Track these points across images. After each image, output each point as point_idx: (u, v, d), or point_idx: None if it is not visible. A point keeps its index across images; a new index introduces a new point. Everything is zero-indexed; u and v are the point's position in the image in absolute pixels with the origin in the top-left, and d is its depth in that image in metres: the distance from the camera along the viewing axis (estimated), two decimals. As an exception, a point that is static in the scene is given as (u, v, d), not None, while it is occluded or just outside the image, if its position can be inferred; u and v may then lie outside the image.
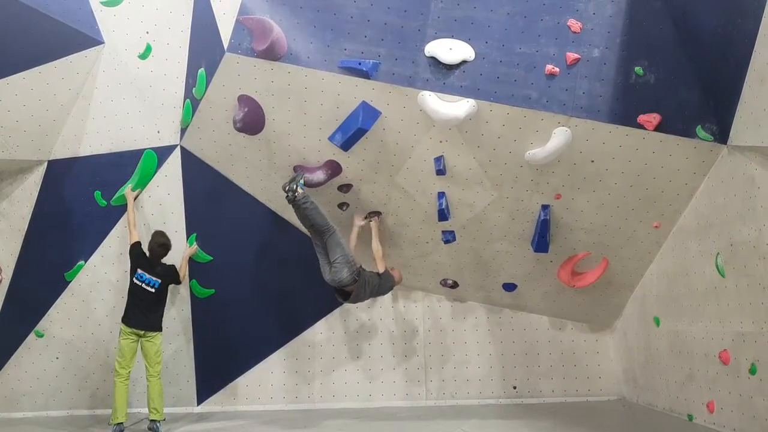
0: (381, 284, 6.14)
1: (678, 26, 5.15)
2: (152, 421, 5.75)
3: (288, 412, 6.62)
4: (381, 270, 6.13)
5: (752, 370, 4.68)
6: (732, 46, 4.64)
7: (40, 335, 6.61)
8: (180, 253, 6.43)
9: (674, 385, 5.78)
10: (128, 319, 5.84)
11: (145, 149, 6.50)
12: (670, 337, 5.83)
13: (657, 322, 6.03)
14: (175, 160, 6.54)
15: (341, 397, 6.87)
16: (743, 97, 4.61)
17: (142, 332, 5.84)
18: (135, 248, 6.05)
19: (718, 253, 5.09)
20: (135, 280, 5.91)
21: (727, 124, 4.90)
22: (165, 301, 6.10)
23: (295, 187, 5.70)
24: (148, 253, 6.04)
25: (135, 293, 5.89)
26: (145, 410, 6.03)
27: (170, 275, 6.09)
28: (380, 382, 6.92)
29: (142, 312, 5.86)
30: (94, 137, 6.51)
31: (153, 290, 5.92)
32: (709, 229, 5.23)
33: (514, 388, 6.89)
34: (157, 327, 5.95)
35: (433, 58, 5.27)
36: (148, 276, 5.92)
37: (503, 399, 6.86)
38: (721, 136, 5.02)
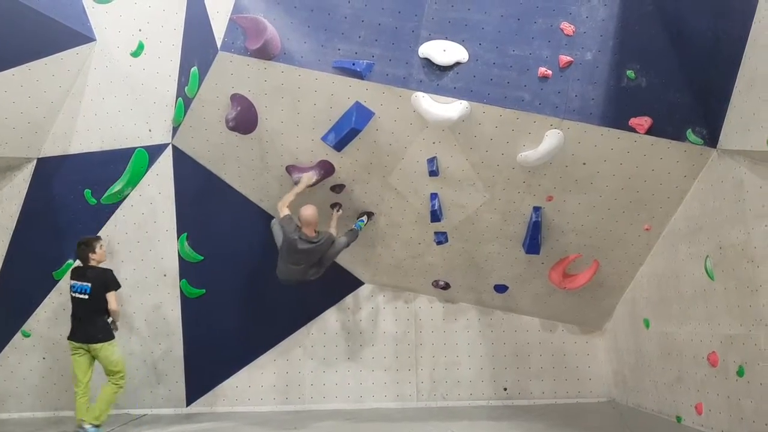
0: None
1: (669, 31, 5.19)
2: (81, 420, 5.43)
3: (278, 413, 6.59)
4: (283, 213, 5.71)
5: (740, 372, 4.72)
6: (722, 50, 4.69)
7: (26, 335, 6.54)
8: (169, 250, 6.40)
9: (663, 387, 5.81)
10: (71, 333, 5.60)
11: (137, 148, 6.46)
12: (659, 339, 5.87)
13: (647, 324, 6.07)
14: (166, 159, 6.50)
15: (332, 398, 6.84)
16: (733, 102, 4.65)
17: (86, 345, 5.54)
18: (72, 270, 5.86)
19: (707, 256, 5.13)
20: (71, 293, 5.66)
21: (716, 128, 4.95)
22: (104, 310, 5.62)
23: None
24: (79, 262, 5.79)
25: (73, 306, 5.64)
26: (134, 410, 5.99)
27: (103, 279, 5.65)
28: (371, 383, 6.90)
29: (81, 323, 5.57)
30: (85, 135, 6.45)
31: (86, 296, 5.55)
32: (699, 232, 5.27)
33: (505, 389, 6.90)
34: (99, 338, 5.55)
35: (427, 60, 5.28)
36: (78, 283, 5.60)
37: (494, 400, 6.86)
38: (711, 139, 5.06)
